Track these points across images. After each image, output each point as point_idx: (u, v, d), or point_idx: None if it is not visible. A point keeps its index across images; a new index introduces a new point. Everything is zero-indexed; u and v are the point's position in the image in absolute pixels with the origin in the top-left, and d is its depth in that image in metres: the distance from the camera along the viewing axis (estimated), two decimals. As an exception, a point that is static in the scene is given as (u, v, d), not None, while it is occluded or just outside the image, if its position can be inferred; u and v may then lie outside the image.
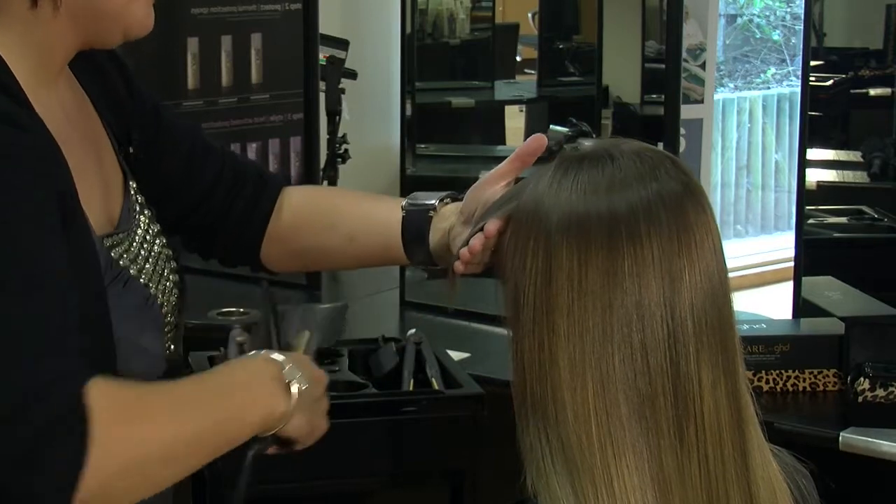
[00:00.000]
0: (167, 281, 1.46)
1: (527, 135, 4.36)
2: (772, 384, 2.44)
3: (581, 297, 1.10)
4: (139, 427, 1.19)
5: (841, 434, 2.23)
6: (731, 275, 1.16)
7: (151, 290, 1.41)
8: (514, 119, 4.36)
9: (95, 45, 1.36)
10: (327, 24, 3.27)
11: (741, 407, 1.14)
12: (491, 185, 1.45)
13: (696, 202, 1.14)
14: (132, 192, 1.45)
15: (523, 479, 1.14)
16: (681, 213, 1.12)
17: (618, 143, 1.18)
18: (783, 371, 2.45)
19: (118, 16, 1.31)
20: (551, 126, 3.95)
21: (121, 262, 1.37)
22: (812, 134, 2.91)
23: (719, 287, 1.13)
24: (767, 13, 6.89)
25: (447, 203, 1.55)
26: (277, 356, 1.34)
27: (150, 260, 1.43)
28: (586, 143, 1.23)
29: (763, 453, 1.17)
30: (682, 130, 3.11)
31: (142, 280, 1.40)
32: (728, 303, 1.14)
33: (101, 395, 1.16)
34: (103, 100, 1.46)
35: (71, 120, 1.37)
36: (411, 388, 2.34)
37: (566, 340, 1.11)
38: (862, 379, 2.29)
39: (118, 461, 1.16)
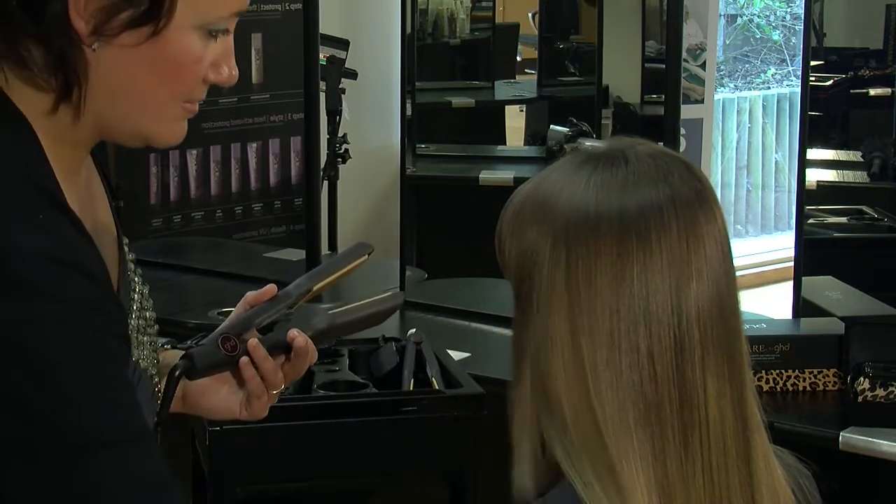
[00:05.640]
0: (152, 353, 1.37)
1: (527, 134, 4.39)
2: (772, 384, 2.44)
3: (590, 299, 1.10)
4: None
5: (841, 434, 2.23)
6: (732, 275, 1.16)
7: (143, 365, 1.32)
8: (514, 119, 4.36)
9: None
10: (327, 24, 3.27)
11: (747, 416, 1.13)
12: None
13: (707, 209, 1.13)
14: (125, 250, 1.34)
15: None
16: (691, 219, 1.11)
17: (633, 145, 1.16)
18: (783, 371, 2.45)
19: (145, 133, 1.24)
20: (551, 126, 3.95)
21: (133, 354, 1.28)
22: (812, 134, 2.91)
23: (727, 296, 1.12)
24: (767, 13, 6.89)
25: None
26: None
27: (147, 337, 1.35)
28: (600, 143, 1.21)
29: (768, 460, 1.16)
30: (682, 130, 3.11)
31: (135, 356, 1.30)
32: (736, 312, 1.13)
33: None
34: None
35: (90, 183, 1.30)
36: (411, 388, 2.34)
37: (573, 342, 1.10)
38: (862, 379, 2.29)
39: None
